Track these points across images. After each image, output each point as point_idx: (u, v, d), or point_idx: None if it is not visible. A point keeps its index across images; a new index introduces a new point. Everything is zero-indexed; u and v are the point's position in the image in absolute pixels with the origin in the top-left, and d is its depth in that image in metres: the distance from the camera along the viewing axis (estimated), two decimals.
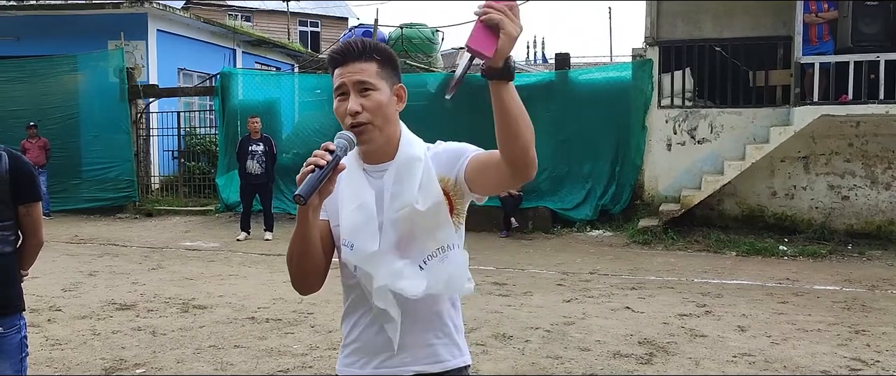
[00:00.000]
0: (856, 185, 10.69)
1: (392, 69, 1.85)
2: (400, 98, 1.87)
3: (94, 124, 14.09)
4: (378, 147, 1.82)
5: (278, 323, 6.12)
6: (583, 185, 11.81)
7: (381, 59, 1.82)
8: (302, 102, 14.16)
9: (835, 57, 10.06)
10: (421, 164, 1.81)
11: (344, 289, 1.94)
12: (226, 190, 13.14)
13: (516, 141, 1.68)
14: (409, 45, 14.57)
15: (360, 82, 1.78)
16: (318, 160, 1.64)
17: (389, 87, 1.83)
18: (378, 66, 1.81)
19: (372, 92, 1.78)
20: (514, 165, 1.70)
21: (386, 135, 1.81)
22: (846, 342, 5.67)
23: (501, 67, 1.61)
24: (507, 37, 1.58)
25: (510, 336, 5.74)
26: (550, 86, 12.35)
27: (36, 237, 2.93)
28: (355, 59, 1.80)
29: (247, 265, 8.97)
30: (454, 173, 1.83)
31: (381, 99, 1.79)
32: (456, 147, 1.89)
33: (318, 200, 1.71)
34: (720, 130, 11.09)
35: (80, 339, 5.67)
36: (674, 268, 8.87)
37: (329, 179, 1.67)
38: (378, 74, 1.80)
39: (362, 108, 1.77)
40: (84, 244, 10.67)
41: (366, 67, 1.79)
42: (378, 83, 1.79)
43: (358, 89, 1.78)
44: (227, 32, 19.14)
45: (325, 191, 1.70)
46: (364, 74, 1.78)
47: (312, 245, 1.79)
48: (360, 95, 1.78)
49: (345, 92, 1.79)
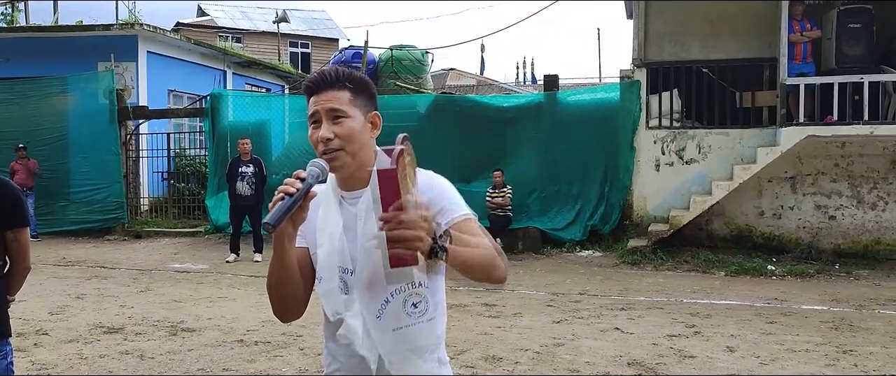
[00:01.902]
0: (842, 205, 10.78)
1: (366, 97, 1.87)
2: (374, 125, 1.88)
3: (83, 145, 14.07)
4: (351, 173, 1.83)
5: (267, 345, 6.10)
6: (572, 206, 11.85)
7: (354, 87, 1.84)
8: (292, 123, 14.18)
9: (819, 78, 10.18)
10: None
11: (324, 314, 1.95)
12: (215, 211, 13.11)
13: (482, 281, 1.82)
14: (398, 67, 14.63)
15: (333, 110, 1.80)
16: (289, 188, 1.65)
17: (363, 115, 1.84)
18: (351, 94, 1.83)
19: (344, 119, 1.80)
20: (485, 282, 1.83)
21: (358, 161, 1.82)
22: (834, 362, 5.69)
23: (430, 254, 1.62)
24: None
25: (500, 357, 5.74)
26: (539, 107, 12.43)
27: (23, 262, 2.92)
28: (328, 87, 1.82)
29: (236, 287, 8.94)
30: (434, 216, 1.78)
31: (354, 126, 1.81)
32: (449, 195, 1.88)
33: (292, 228, 1.72)
34: (708, 151, 11.17)
35: (66, 363, 5.62)
36: (663, 288, 8.90)
37: (301, 207, 1.68)
38: (351, 102, 1.82)
39: (334, 135, 1.79)
40: (72, 266, 10.61)
41: (339, 95, 1.81)
42: (350, 111, 1.82)
43: (330, 116, 1.80)
44: (218, 54, 19.20)
45: (297, 218, 1.70)
46: (336, 101, 1.81)
47: (289, 271, 1.80)
48: (332, 123, 1.80)
49: (318, 119, 1.81)
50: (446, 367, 1.94)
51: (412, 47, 15.22)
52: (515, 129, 12.28)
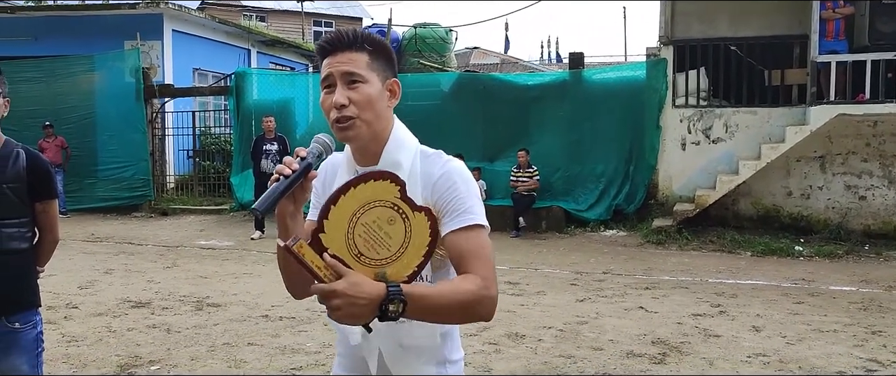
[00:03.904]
0: (873, 185, 10.60)
1: (385, 62, 1.70)
2: (393, 93, 1.71)
3: (110, 124, 14.21)
4: (365, 144, 1.68)
5: (292, 321, 6.15)
6: (596, 185, 11.78)
7: (373, 49, 1.67)
8: (316, 102, 14.21)
9: (851, 56, 9.98)
10: (404, 175, 1.61)
11: None
12: (240, 189, 13.20)
13: (459, 324, 1.72)
14: (422, 45, 14.56)
15: (348, 73, 1.63)
16: (285, 169, 1.53)
17: (381, 81, 1.67)
18: (369, 57, 1.66)
19: (360, 84, 1.63)
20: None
21: (373, 131, 1.66)
22: (862, 343, 5.62)
23: (381, 317, 1.46)
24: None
25: (523, 335, 5.73)
26: (564, 85, 12.33)
27: (52, 234, 2.95)
28: (345, 49, 1.65)
29: (260, 264, 9.01)
30: (438, 212, 1.62)
31: (371, 92, 1.64)
32: (460, 193, 1.64)
33: (293, 206, 1.58)
34: (735, 130, 11.02)
35: (95, 336, 5.71)
36: (688, 268, 8.82)
37: (302, 186, 1.56)
38: (368, 66, 1.65)
39: (349, 101, 1.62)
40: (100, 242, 10.76)
41: (355, 57, 1.64)
42: (368, 75, 1.64)
43: (345, 81, 1.63)
44: (242, 32, 19.25)
45: (299, 196, 1.58)
46: (353, 64, 1.64)
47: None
48: (347, 87, 1.63)
49: (331, 83, 1.65)
50: (454, 367, 1.77)
51: (436, 25, 15.13)
52: (539, 108, 12.19)
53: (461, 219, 1.61)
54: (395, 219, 1.49)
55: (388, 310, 1.43)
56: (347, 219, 1.46)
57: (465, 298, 1.53)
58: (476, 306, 1.55)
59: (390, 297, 1.43)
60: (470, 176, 1.69)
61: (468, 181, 1.67)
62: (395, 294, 1.44)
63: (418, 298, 1.47)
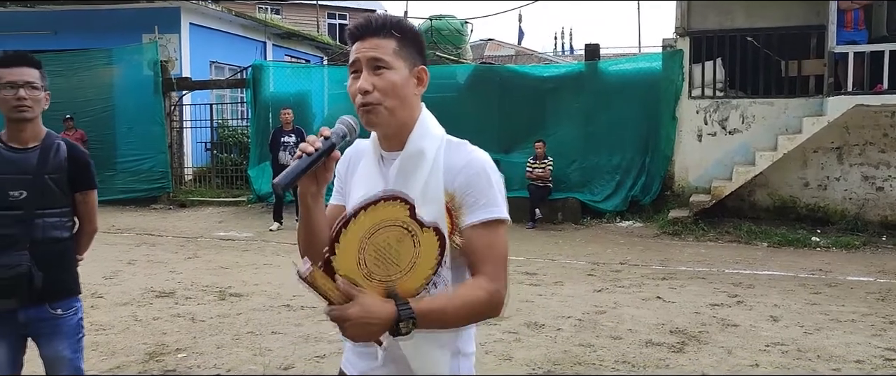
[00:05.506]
0: (891, 176, 10.56)
1: (414, 49, 1.68)
2: (420, 81, 1.69)
3: (128, 117, 14.37)
4: (390, 131, 1.67)
5: (313, 310, 6.23)
6: (612, 176, 11.80)
7: (402, 36, 1.65)
8: (332, 94, 14.30)
9: (870, 46, 9.94)
10: (427, 164, 1.63)
11: None
12: (258, 181, 13.33)
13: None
14: (438, 37, 14.64)
15: (375, 59, 1.62)
16: (308, 147, 1.55)
17: (408, 68, 1.66)
18: (397, 44, 1.64)
19: (386, 71, 1.62)
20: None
21: (399, 119, 1.65)
22: (880, 332, 5.64)
23: (393, 333, 1.51)
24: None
25: (542, 324, 5.80)
26: (580, 76, 12.35)
27: (91, 223, 3.05)
28: (373, 34, 1.64)
29: (280, 254, 9.12)
30: (459, 202, 1.64)
31: (395, 79, 1.63)
32: (482, 186, 1.64)
33: (315, 187, 1.61)
34: (752, 121, 11.01)
35: (122, 325, 5.83)
36: (704, 258, 8.85)
37: (325, 166, 1.59)
38: (396, 53, 1.64)
39: (373, 87, 1.62)
40: (121, 233, 10.90)
41: (383, 44, 1.63)
42: (394, 62, 1.63)
43: (371, 66, 1.63)
44: (258, 25, 19.35)
45: (322, 177, 1.60)
46: (380, 50, 1.62)
47: (314, 234, 1.66)
48: (372, 73, 1.62)
49: (358, 69, 1.64)
50: (466, 361, 1.73)
51: (451, 17, 15.17)
52: (555, 99, 12.22)
53: (481, 212, 1.62)
54: (404, 237, 1.50)
55: (400, 329, 1.48)
56: (358, 241, 1.47)
57: (474, 307, 1.58)
58: (485, 312, 1.60)
59: (401, 317, 1.48)
60: (494, 167, 1.69)
61: (492, 173, 1.66)
62: (406, 314, 1.48)
63: (428, 313, 1.51)
